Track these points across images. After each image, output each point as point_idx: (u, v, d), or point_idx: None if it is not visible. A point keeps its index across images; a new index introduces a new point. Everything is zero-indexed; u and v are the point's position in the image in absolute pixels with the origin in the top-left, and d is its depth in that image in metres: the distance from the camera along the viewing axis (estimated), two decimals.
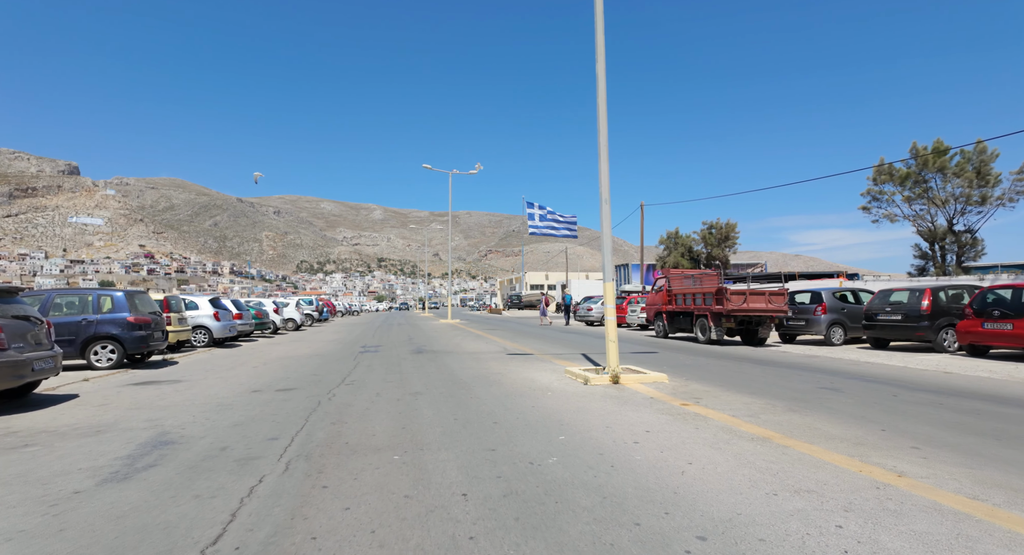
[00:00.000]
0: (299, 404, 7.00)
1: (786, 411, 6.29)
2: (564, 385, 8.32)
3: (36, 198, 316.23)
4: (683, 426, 5.51)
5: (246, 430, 5.58)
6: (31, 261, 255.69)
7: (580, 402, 6.90)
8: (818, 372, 9.82)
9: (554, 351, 14.04)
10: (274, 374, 10.10)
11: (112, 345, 10.82)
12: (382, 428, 5.59)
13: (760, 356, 12.76)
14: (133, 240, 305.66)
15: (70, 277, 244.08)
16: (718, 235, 33.95)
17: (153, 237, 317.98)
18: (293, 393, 7.88)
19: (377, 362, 11.86)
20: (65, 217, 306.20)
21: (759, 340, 15.70)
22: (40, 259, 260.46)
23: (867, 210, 24.75)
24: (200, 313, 16.38)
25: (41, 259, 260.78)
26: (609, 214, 9.03)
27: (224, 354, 14.42)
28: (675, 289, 17.80)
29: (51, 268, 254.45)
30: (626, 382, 8.31)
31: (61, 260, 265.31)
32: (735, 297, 14.81)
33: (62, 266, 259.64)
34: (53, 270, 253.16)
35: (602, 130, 9.05)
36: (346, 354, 13.88)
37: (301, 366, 11.35)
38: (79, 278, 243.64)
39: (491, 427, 5.57)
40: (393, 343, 17.29)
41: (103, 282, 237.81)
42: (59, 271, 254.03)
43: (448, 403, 6.94)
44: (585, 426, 5.56)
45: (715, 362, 11.44)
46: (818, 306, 14.89)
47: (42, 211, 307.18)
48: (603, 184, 9.03)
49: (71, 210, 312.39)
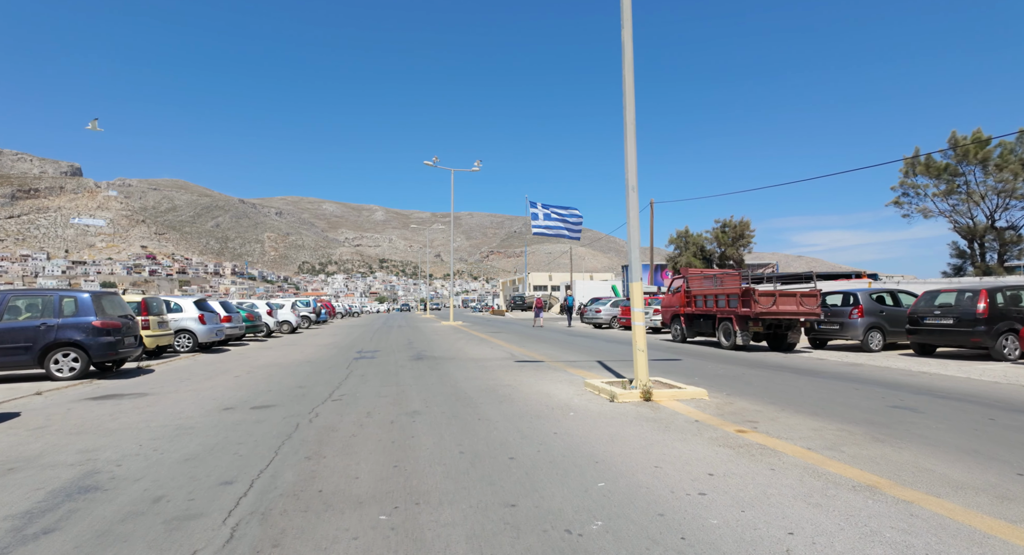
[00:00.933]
0: (273, 427, 5.82)
1: (870, 440, 5.09)
2: (587, 402, 7.13)
3: (38, 199, 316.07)
4: (753, 465, 4.32)
5: (197, 468, 4.40)
6: (33, 262, 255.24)
7: (611, 426, 5.70)
8: (874, 385, 8.61)
9: (566, 358, 12.84)
10: (255, 386, 8.93)
11: (75, 352, 9.66)
12: (369, 467, 4.41)
13: (796, 364, 11.55)
14: (135, 241, 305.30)
15: (72, 278, 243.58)
16: (732, 234, 32.55)
17: (155, 238, 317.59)
18: (270, 412, 6.71)
19: (372, 371, 10.69)
20: (67, 218, 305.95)
21: (788, 345, 14.48)
22: (42, 260, 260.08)
23: (898, 204, 23.31)
24: (184, 316, 15.23)
25: (43, 260, 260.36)
26: (636, 203, 7.85)
27: (208, 361, 13.26)
28: (694, 290, 16.60)
29: (53, 269, 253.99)
30: (660, 399, 7.11)
31: (63, 261, 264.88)
32: (764, 299, 13.60)
33: (64, 267, 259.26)
34: (55, 271, 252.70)
35: (628, 106, 7.87)
36: (339, 361, 12.71)
37: (288, 375, 10.18)
38: (81, 279, 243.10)
39: (507, 465, 4.39)
40: (391, 348, 16.11)
41: (105, 283, 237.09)
42: (61, 272, 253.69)
43: (452, 427, 5.76)
44: (627, 465, 4.37)
45: (751, 372, 10.23)
46: (854, 308, 13.67)
47: (44, 212, 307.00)
48: (630, 169, 7.84)
49: (73, 211, 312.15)
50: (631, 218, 7.80)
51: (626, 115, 7.88)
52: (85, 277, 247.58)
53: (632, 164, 7.85)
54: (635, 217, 7.82)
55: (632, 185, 7.83)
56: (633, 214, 7.81)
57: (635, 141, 7.88)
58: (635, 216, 7.83)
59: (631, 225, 7.80)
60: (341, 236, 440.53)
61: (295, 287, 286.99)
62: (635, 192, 7.84)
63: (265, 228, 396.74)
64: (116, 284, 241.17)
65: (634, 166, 7.86)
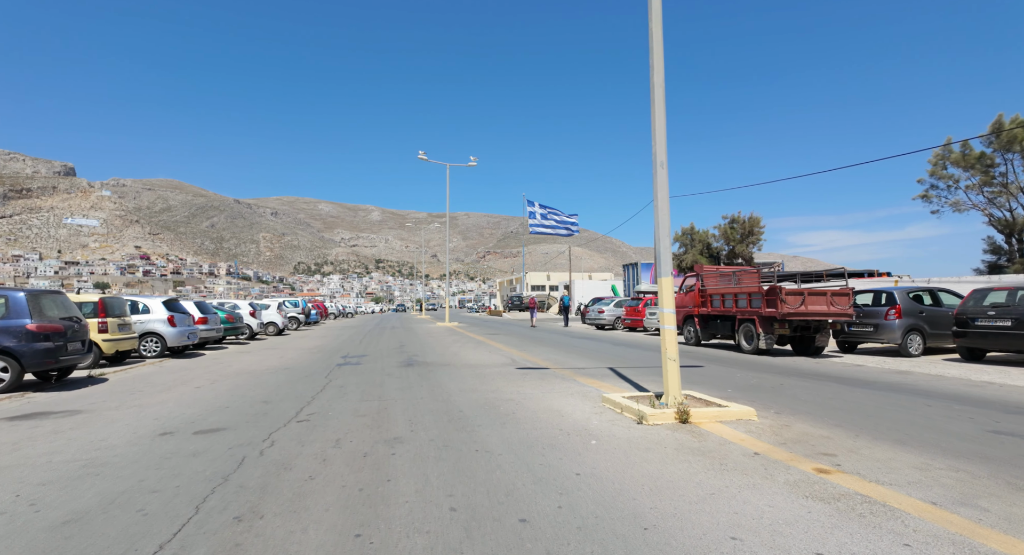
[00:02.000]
0: (210, 464, 4.47)
1: (1009, 488, 3.77)
2: (609, 424, 5.80)
3: (31, 199, 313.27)
4: (876, 539, 2.99)
5: (70, 541, 3.06)
6: (25, 262, 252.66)
7: (649, 463, 4.38)
8: (944, 399, 7.31)
9: (573, 364, 11.52)
10: (214, 400, 7.58)
11: (5, 361, 8.28)
12: (319, 536, 3.07)
13: (835, 371, 10.25)
14: (129, 241, 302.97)
15: (64, 279, 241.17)
16: (741, 230, 31.05)
17: (149, 238, 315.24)
18: (216, 438, 5.36)
19: (354, 380, 9.34)
20: (60, 218, 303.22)
21: (816, 349, 13.19)
22: (34, 261, 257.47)
23: (926, 198, 21.90)
24: (151, 318, 13.84)
25: (35, 261, 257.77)
26: (666, 181, 6.53)
27: (175, 367, 11.89)
28: (710, 289, 15.29)
29: (45, 270, 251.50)
30: (699, 420, 5.79)
31: (56, 261, 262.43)
32: (791, 298, 12.30)
33: (56, 268, 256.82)
34: (47, 272, 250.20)
35: (656, 66, 6.55)
36: (320, 367, 11.36)
37: (256, 386, 8.82)
38: (74, 280, 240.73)
39: (517, 532, 3.06)
40: (381, 352, 14.75)
41: (98, 284, 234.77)
42: (53, 273, 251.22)
43: (441, 464, 4.42)
44: (690, 534, 3.05)
45: (789, 382, 8.91)
46: (890, 309, 12.37)
47: (37, 212, 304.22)
48: (658, 142, 6.52)
49: (66, 211, 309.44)
50: (659, 200, 6.48)
51: (653, 77, 6.56)
52: (78, 277, 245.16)
53: (660, 136, 6.53)
54: (664, 199, 6.50)
55: (660, 161, 6.51)
56: (662, 195, 6.49)
57: (664, 109, 6.57)
58: (664, 197, 6.50)
59: (659, 208, 6.48)
60: (337, 236, 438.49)
61: (291, 288, 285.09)
62: (664, 169, 6.53)
63: (260, 228, 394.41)
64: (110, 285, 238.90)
65: (663, 138, 6.55)
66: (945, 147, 19.88)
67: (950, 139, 19.44)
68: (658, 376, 9.59)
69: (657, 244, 6.51)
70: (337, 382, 9.20)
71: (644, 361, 12.08)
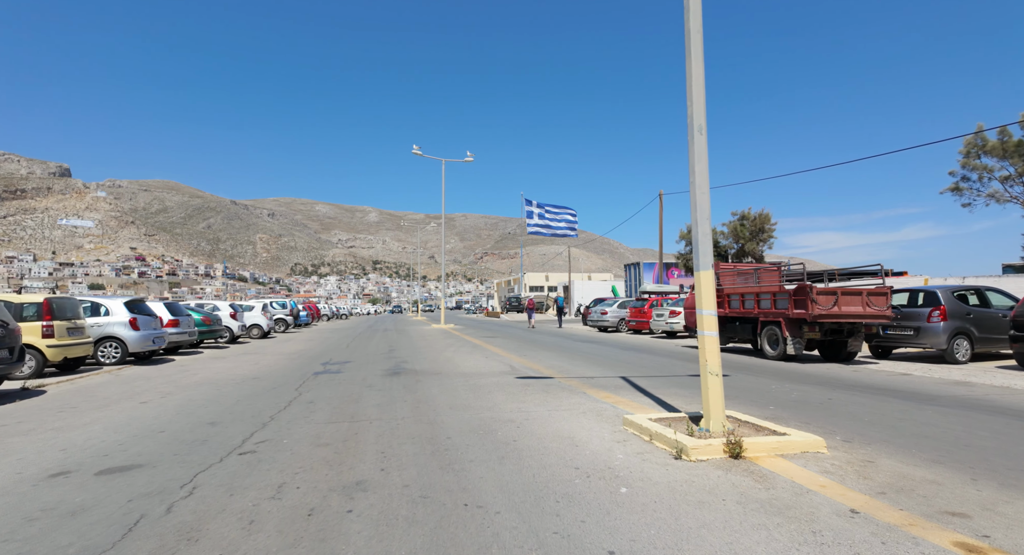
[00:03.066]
0: (84, 533, 3.16)
1: None
2: (639, 459, 4.49)
3: (25, 200, 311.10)
4: None
5: None
6: (19, 264, 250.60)
7: (711, 532, 3.07)
8: None
9: (581, 372, 10.21)
10: (151, 421, 6.25)
11: None
12: None
13: (882, 382, 8.96)
14: (124, 243, 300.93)
15: (59, 280, 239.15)
16: (751, 227, 29.72)
17: (145, 239, 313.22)
18: (122, 481, 4.05)
19: (328, 394, 8.01)
20: (55, 219, 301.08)
21: (848, 354, 11.91)
22: (28, 262, 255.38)
23: (957, 191, 20.59)
24: (111, 320, 12.48)
25: (29, 262, 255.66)
26: (705, 150, 5.24)
27: (132, 377, 10.55)
28: (727, 288, 13.99)
29: (40, 271, 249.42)
30: (755, 453, 4.48)
31: (50, 262, 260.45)
32: (823, 298, 11.01)
33: (51, 269, 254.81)
34: (42, 273, 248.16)
35: (693, 7, 5.25)
36: (295, 377, 10.03)
37: (212, 402, 7.50)
38: (68, 281, 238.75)
39: None
40: (366, 358, 13.42)
41: (93, 285, 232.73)
42: (47, 274, 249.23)
43: (416, 528, 3.11)
44: None
45: (838, 396, 7.61)
46: (934, 310, 11.09)
47: (31, 213, 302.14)
48: (695, 102, 5.22)
49: (61, 212, 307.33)
50: (697, 174, 5.17)
51: (689, 23, 5.26)
52: (72, 279, 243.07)
53: (699, 94, 5.23)
54: (703, 172, 5.20)
55: (699, 125, 5.21)
56: (700, 167, 5.19)
57: (702, 63, 5.26)
58: (703, 171, 5.20)
59: (697, 185, 5.17)
60: (334, 237, 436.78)
61: (287, 289, 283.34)
62: (702, 135, 5.22)
63: (257, 230, 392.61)
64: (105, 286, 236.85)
65: (701, 97, 5.25)
66: (977, 135, 18.58)
67: (981, 126, 18.08)
68: (681, 388, 8.30)
69: (695, 228, 5.21)
70: (307, 396, 7.87)
71: (659, 369, 10.79)
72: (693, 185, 5.21)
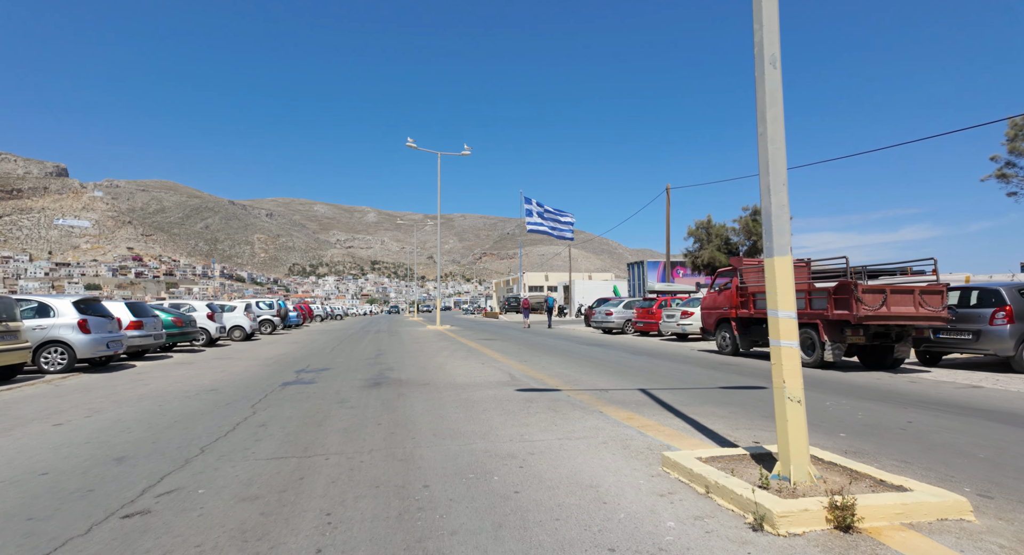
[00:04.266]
0: None
1: None
2: (699, 534, 3.04)
3: (21, 200, 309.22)
4: None
5: None
6: (15, 264, 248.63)
7: None
8: None
9: (592, 383, 8.76)
10: (43, 455, 4.81)
11: None
12: None
13: (950, 396, 7.53)
14: (121, 243, 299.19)
15: (55, 281, 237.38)
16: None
17: (142, 239, 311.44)
18: None
19: (288, 412, 6.56)
20: (51, 219, 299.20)
21: (894, 361, 10.48)
22: (24, 262, 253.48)
23: (1003, 178, 19.06)
24: (58, 322, 11.01)
25: (25, 262, 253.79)
26: (778, 89, 3.79)
27: (72, 388, 9.10)
28: (752, 287, 12.55)
29: (35, 271, 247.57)
30: (874, 524, 3.03)
31: (46, 262, 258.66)
32: (870, 297, 9.57)
33: (47, 269, 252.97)
34: (37, 273, 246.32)
35: None
36: (259, 388, 8.58)
37: (140, 424, 6.05)
38: (64, 281, 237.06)
39: None
40: (350, 364, 11.96)
41: (89, 285, 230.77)
42: (43, 274, 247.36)
43: None
44: None
45: (916, 417, 6.17)
46: (998, 310, 9.65)
47: (27, 213, 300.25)
48: (767, 26, 3.78)
49: (57, 212, 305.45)
50: (770, 120, 3.73)
51: None
52: (69, 279, 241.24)
53: (770, 16, 3.79)
54: (777, 118, 3.76)
55: (770, 55, 3.77)
56: (773, 113, 3.75)
57: None
58: (777, 117, 3.76)
59: (770, 137, 3.73)
60: (332, 238, 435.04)
61: (285, 289, 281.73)
62: (776, 69, 3.78)
63: (255, 230, 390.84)
64: (101, 286, 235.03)
65: (773, 19, 3.81)
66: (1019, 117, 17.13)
67: None
68: (717, 405, 6.86)
69: (767, 197, 3.76)
70: (262, 416, 6.42)
71: (681, 378, 9.35)
72: (764, 138, 3.76)
